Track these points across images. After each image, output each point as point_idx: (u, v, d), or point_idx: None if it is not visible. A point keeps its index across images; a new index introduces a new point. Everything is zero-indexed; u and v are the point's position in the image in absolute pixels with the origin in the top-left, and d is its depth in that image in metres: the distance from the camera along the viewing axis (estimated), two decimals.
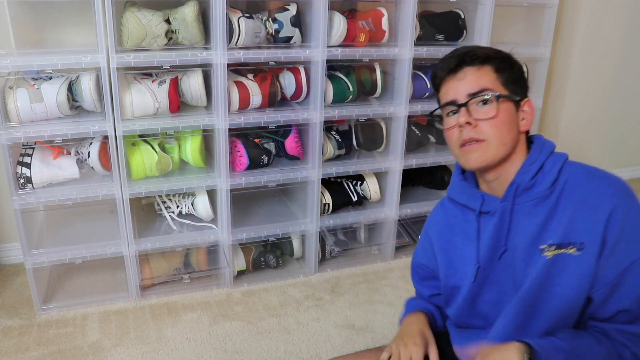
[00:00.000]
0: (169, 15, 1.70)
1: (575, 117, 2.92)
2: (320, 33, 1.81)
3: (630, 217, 0.95)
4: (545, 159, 1.04)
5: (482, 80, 1.03)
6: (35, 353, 1.63)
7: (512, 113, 1.04)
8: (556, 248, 0.98)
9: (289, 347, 1.70)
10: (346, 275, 2.12)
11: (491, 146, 1.03)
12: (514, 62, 1.07)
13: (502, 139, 1.03)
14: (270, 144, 1.98)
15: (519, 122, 1.06)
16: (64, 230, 1.95)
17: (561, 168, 1.02)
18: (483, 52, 1.05)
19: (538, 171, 1.03)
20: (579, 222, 0.97)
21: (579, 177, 1.00)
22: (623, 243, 0.94)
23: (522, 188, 1.02)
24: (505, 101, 1.03)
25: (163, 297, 1.93)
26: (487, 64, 1.04)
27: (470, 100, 1.03)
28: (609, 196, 0.96)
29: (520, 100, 1.06)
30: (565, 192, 0.99)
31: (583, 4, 2.68)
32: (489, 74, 1.04)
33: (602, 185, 0.99)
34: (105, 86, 1.64)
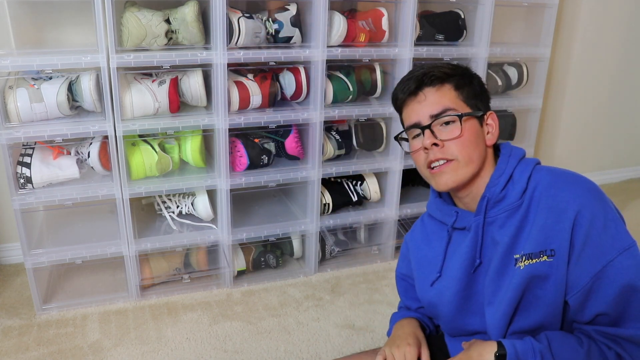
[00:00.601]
0: (169, 15, 1.70)
1: (575, 117, 2.92)
2: (320, 33, 1.81)
3: (596, 219, 0.93)
4: (514, 168, 1.03)
5: (443, 100, 1.03)
6: (35, 353, 1.63)
7: (476, 129, 1.04)
8: (527, 258, 0.98)
9: (289, 347, 1.70)
10: (346, 275, 2.12)
11: (460, 165, 1.03)
12: (472, 76, 1.08)
13: (469, 157, 1.03)
14: (270, 144, 1.98)
15: (484, 136, 1.05)
16: (64, 230, 1.95)
17: (530, 176, 1.01)
18: (441, 71, 1.05)
19: (507, 182, 1.02)
20: (548, 230, 0.96)
21: (545, 183, 0.99)
22: (591, 247, 0.93)
23: (493, 201, 1.03)
24: (468, 119, 1.03)
25: (163, 297, 1.93)
26: (447, 83, 1.05)
27: (433, 122, 1.03)
28: (573, 200, 0.95)
29: (483, 115, 1.06)
30: (534, 200, 0.99)
31: (583, 4, 2.68)
32: (449, 92, 1.04)
33: (567, 190, 0.97)
34: (105, 86, 1.64)
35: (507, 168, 1.03)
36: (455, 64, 1.09)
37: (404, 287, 1.30)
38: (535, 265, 0.97)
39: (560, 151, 2.94)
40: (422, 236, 1.19)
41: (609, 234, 0.92)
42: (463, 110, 1.03)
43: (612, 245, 0.92)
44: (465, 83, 1.05)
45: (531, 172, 1.01)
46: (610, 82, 2.94)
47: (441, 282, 1.11)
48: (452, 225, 1.09)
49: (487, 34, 2.07)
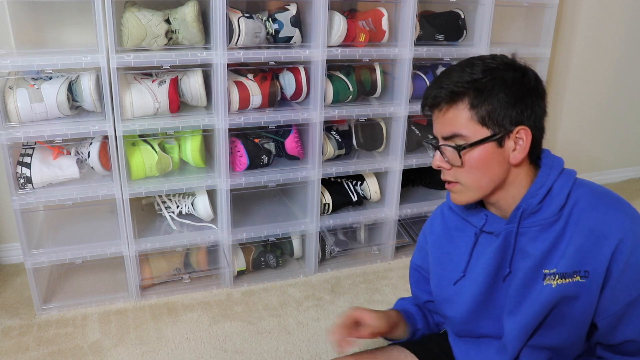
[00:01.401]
0: (169, 15, 1.70)
1: (575, 117, 2.92)
2: (320, 33, 1.81)
3: (638, 250, 0.91)
4: (554, 180, 0.98)
5: (456, 122, 0.96)
6: (35, 353, 1.63)
7: (488, 155, 0.96)
8: (561, 277, 0.96)
9: (289, 347, 1.70)
10: (346, 275, 2.12)
11: (467, 189, 1.00)
12: (498, 88, 0.94)
13: (476, 183, 0.98)
14: (270, 144, 1.98)
15: (507, 156, 0.96)
16: (64, 230, 1.95)
17: (570, 191, 0.96)
18: (459, 85, 0.95)
19: (546, 195, 0.97)
20: (586, 251, 0.93)
21: (587, 201, 0.95)
22: (629, 275, 0.91)
23: (528, 212, 0.98)
24: (475, 147, 0.95)
25: (163, 297, 1.93)
26: (460, 100, 0.95)
27: (442, 145, 0.99)
28: (617, 226, 0.92)
29: (508, 132, 0.95)
30: (573, 217, 0.95)
31: (583, 4, 2.68)
32: (463, 112, 0.95)
33: (611, 215, 0.93)
34: (105, 86, 1.64)
35: (547, 180, 0.98)
36: (487, 65, 0.96)
37: (417, 279, 1.27)
38: (567, 285, 0.95)
39: (560, 151, 2.92)
40: (443, 231, 1.15)
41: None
42: (475, 133, 0.95)
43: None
44: (482, 100, 0.94)
45: (571, 187, 0.97)
46: (610, 82, 2.94)
47: (463, 282, 1.09)
48: (481, 228, 1.05)
49: (487, 34, 2.07)
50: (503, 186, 0.99)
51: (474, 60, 0.98)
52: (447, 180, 1.02)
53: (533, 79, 0.97)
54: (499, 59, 0.98)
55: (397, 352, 1.21)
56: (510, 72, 0.96)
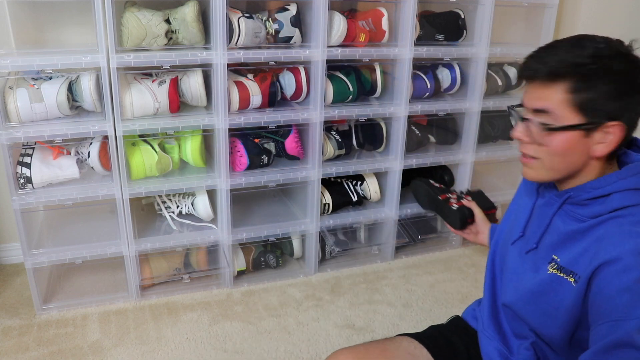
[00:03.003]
0: (169, 15, 1.70)
1: None
2: (320, 33, 1.81)
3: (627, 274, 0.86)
4: (615, 191, 0.93)
5: (550, 98, 0.92)
6: (35, 353, 1.63)
7: (574, 142, 0.92)
8: (558, 269, 0.97)
9: (289, 347, 1.70)
10: (346, 275, 2.12)
11: (543, 167, 0.98)
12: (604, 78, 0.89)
13: (553, 165, 0.97)
14: (270, 144, 1.98)
15: (590, 147, 0.93)
16: (64, 230, 1.95)
17: (627, 207, 0.92)
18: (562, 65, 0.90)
19: (600, 197, 0.94)
20: (585, 256, 0.93)
21: (625, 220, 0.91)
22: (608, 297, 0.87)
23: (573, 201, 0.98)
24: (562, 132, 0.92)
25: (163, 297, 1.93)
26: (561, 81, 0.91)
27: (530, 118, 0.96)
28: (618, 248, 0.88)
29: (600, 124, 0.91)
30: (605, 225, 0.92)
31: (583, 4, 2.68)
32: (561, 93, 0.91)
33: (626, 235, 0.88)
34: (105, 86, 1.64)
35: (607, 187, 0.94)
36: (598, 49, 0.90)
37: None
38: (558, 278, 0.96)
39: None
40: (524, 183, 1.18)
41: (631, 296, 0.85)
42: (568, 117, 0.91)
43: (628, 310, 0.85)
44: (586, 87, 0.89)
45: (632, 205, 0.92)
46: None
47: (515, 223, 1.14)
48: (538, 188, 1.09)
49: (487, 34, 2.07)
50: (577, 175, 0.98)
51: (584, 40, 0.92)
52: (526, 153, 1.00)
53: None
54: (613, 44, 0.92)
55: (406, 343, 1.21)
56: (621, 62, 0.90)
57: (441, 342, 1.21)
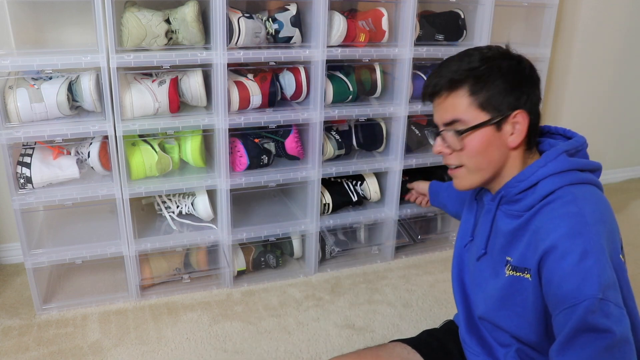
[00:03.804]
0: (169, 15, 1.70)
1: (575, 117, 2.92)
2: (320, 33, 1.81)
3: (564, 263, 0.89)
4: (540, 178, 0.99)
5: (456, 108, 1.01)
6: (35, 353, 1.63)
7: (487, 138, 1.00)
8: (513, 269, 1.00)
9: (289, 347, 1.70)
10: (346, 275, 2.12)
11: (469, 171, 1.04)
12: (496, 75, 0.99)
13: (477, 166, 1.03)
14: (270, 144, 1.98)
15: (505, 140, 1.01)
16: (64, 230, 1.95)
17: (550, 193, 0.97)
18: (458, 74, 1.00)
19: (528, 188, 1.00)
20: (529, 250, 0.97)
21: (557, 204, 0.95)
22: (556, 284, 0.90)
23: (506, 199, 1.04)
24: (475, 130, 1.00)
25: (163, 297, 1.93)
26: (461, 87, 1.00)
27: (443, 130, 1.04)
28: (553, 234, 0.91)
29: (505, 117, 0.99)
30: (539, 214, 0.97)
31: (583, 4, 2.68)
32: (463, 99, 1.00)
33: (558, 220, 0.93)
34: (105, 86, 1.64)
35: (532, 176, 0.99)
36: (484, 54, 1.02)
37: None
38: (518, 279, 1.00)
39: None
40: None
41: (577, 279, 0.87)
42: (475, 118, 0.99)
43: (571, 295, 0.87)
44: (481, 87, 0.99)
45: (556, 189, 0.96)
46: (610, 82, 2.94)
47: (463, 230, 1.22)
48: (476, 195, 1.15)
49: (487, 34, 2.07)
50: (501, 171, 1.04)
51: (470, 50, 1.04)
52: (450, 164, 1.06)
53: (528, 67, 1.03)
54: (494, 48, 1.04)
55: (399, 349, 1.21)
56: (506, 60, 1.01)
57: (435, 347, 1.21)
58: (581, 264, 0.87)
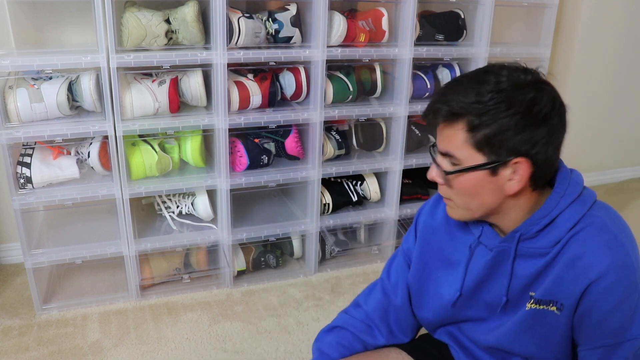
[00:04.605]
0: (169, 15, 1.70)
1: (575, 117, 2.90)
2: (320, 33, 1.81)
3: (611, 297, 0.85)
4: (561, 211, 0.91)
5: (451, 141, 0.90)
6: (35, 353, 1.63)
7: (479, 182, 0.90)
8: (536, 302, 0.94)
9: (289, 347, 1.70)
10: (346, 275, 2.12)
11: (458, 207, 0.96)
12: (500, 113, 0.84)
13: (465, 205, 0.94)
14: (270, 144, 1.98)
15: (501, 185, 0.89)
16: (64, 230, 1.95)
17: (576, 224, 0.90)
18: (460, 105, 0.87)
19: (548, 224, 0.92)
20: (563, 283, 0.90)
21: (586, 234, 0.89)
22: (597, 316, 0.87)
23: (525, 237, 0.95)
24: (466, 172, 0.89)
25: (163, 297, 1.93)
26: (459, 120, 0.88)
27: (439, 160, 0.94)
28: (598, 266, 0.86)
29: (504, 162, 0.87)
30: (567, 248, 0.90)
31: (583, 4, 2.68)
32: (459, 133, 0.88)
33: (599, 252, 0.87)
34: (105, 86, 1.64)
35: (553, 211, 0.91)
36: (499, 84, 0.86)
37: (400, 265, 1.18)
38: (540, 312, 0.94)
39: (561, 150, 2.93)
40: (444, 222, 1.08)
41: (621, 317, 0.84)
42: (468, 158, 0.88)
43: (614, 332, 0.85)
44: (482, 124, 0.85)
45: (581, 218, 0.90)
46: (610, 82, 2.94)
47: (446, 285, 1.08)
48: (478, 238, 1.01)
49: (487, 34, 2.07)
50: (499, 212, 0.94)
51: (488, 74, 0.88)
52: (439, 194, 0.99)
53: (548, 106, 0.86)
54: (514, 76, 0.87)
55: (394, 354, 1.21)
56: (521, 95, 0.85)
57: (429, 352, 1.20)
58: (628, 300, 0.84)
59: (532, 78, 0.88)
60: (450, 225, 1.08)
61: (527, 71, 0.88)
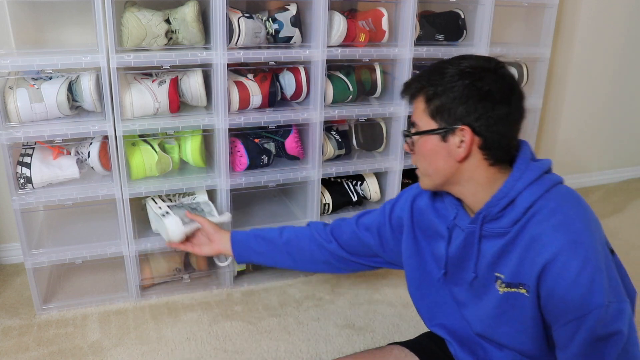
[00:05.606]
0: (169, 15, 1.70)
1: (575, 117, 2.92)
2: (320, 33, 1.81)
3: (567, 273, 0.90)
4: (519, 192, 0.99)
5: (416, 110, 1.05)
6: (35, 353, 1.63)
7: (432, 146, 1.03)
8: (507, 286, 1.00)
9: (289, 347, 1.70)
10: (346, 276, 2.12)
11: (422, 175, 1.09)
12: (451, 87, 0.98)
13: (425, 170, 1.07)
14: (270, 144, 1.98)
15: (451, 151, 1.01)
16: (64, 230, 1.95)
17: (533, 204, 0.97)
18: (419, 82, 1.04)
19: (508, 205, 1.00)
20: (525, 264, 0.96)
21: (542, 215, 0.96)
22: (559, 296, 0.91)
23: (489, 218, 1.02)
24: (423, 135, 1.03)
25: (163, 297, 1.93)
26: (420, 94, 1.04)
27: (404, 130, 1.10)
28: (550, 246, 0.92)
29: (451, 129, 1.00)
30: (525, 229, 0.97)
31: (583, 4, 2.69)
32: (421, 104, 1.04)
33: (551, 231, 0.93)
34: (105, 86, 1.64)
35: (511, 192, 0.99)
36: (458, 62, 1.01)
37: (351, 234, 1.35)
38: (513, 294, 1.00)
39: (560, 151, 2.94)
40: (430, 200, 1.18)
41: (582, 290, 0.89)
42: (425, 125, 1.03)
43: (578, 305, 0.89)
44: (435, 95, 1.00)
45: (536, 200, 0.97)
46: (610, 82, 2.94)
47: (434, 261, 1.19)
48: (454, 219, 1.10)
49: (487, 34, 2.07)
50: (458, 182, 1.04)
51: (458, 59, 1.03)
52: (413, 163, 1.11)
53: (494, 85, 0.98)
54: (477, 62, 1.01)
55: (397, 351, 1.21)
56: (473, 75, 0.98)
57: (432, 349, 1.21)
58: (583, 274, 0.88)
59: (491, 65, 1.01)
60: (433, 208, 1.18)
61: (491, 60, 1.02)
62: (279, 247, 1.45)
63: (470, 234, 1.05)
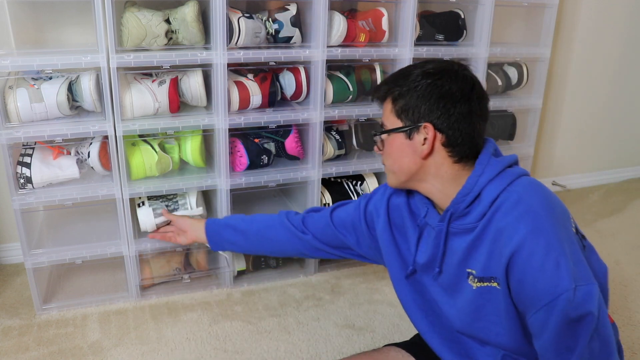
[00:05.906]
0: (169, 15, 1.70)
1: (575, 117, 2.92)
2: (320, 33, 1.81)
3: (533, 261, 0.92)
4: (482, 187, 1.02)
5: (384, 112, 1.11)
6: (35, 353, 1.63)
7: (399, 144, 1.08)
8: (479, 281, 1.02)
9: (289, 347, 1.70)
10: (346, 275, 2.12)
11: (388, 172, 1.13)
12: (414, 88, 1.04)
13: (391, 168, 1.11)
14: (270, 144, 1.98)
15: (416, 148, 1.06)
16: (64, 230, 1.95)
17: (496, 198, 1.00)
18: (387, 85, 1.09)
19: (474, 200, 1.02)
20: (493, 258, 0.98)
21: (506, 208, 0.98)
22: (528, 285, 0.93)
23: (456, 215, 1.05)
24: (390, 134, 1.08)
25: (163, 297, 1.93)
26: (389, 96, 1.09)
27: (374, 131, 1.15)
28: (514, 236, 0.94)
29: (416, 127, 1.05)
30: (491, 222, 0.99)
31: (583, 4, 2.69)
32: (388, 105, 1.09)
33: (514, 222, 0.95)
34: (105, 86, 1.64)
35: (474, 187, 1.03)
36: (423, 65, 1.07)
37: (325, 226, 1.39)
38: (486, 289, 1.01)
39: (560, 151, 2.94)
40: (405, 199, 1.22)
41: (549, 274, 0.90)
42: (391, 124, 1.08)
43: (547, 291, 0.90)
44: (399, 95, 1.06)
45: (500, 193, 1.00)
46: (610, 82, 2.94)
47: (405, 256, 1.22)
48: (424, 217, 1.13)
49: (487, 34, 2.07)
50: (424, 179, 1.08)
51: (426, 63, 1.08)
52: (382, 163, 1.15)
53: (453, 86, 1.03)
54: (442, 65, 1.07)
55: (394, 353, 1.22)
56: (435, 76, 1.04)
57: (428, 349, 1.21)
58: (548, 260, 0.90)
59: (454, 67, 1.06)
60: (407, 206, 1.21)
61: (454, 63, 1.08)
62: (251, 238, 1.53)
63: (440, 232, 1.08)
